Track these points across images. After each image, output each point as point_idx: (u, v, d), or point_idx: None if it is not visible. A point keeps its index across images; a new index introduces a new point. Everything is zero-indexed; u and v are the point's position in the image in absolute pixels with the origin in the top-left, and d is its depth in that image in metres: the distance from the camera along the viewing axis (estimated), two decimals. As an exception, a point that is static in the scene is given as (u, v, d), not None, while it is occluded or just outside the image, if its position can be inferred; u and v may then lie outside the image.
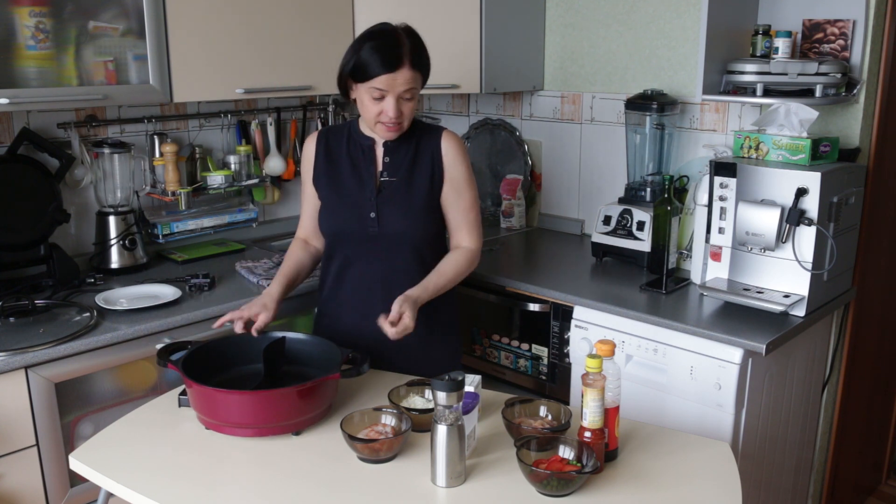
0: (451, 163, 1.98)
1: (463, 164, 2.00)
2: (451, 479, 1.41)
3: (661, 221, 2.42)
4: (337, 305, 2.05)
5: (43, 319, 2.11)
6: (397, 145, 1.98)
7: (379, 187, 1.97)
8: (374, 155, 1.99)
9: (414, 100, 1.89)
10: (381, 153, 1.99)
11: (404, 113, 1.88)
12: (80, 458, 1.53)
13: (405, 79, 1.84)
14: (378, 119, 1.88)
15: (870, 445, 2.93)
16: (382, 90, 1.84)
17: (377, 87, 1.84)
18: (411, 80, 1.85)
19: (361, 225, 1.96)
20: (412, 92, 1.87)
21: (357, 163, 2.00)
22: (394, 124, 1.88)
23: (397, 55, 1.82)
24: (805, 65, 2.22)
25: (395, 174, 1.97)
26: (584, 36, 2.95)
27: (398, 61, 1.82)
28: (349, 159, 2.00)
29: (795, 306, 2.11)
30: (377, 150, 1.99)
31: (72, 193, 2.55)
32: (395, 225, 1.95)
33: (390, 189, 1.97)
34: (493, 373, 2.69)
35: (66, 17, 2.14)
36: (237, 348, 1.78)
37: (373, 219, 1.95)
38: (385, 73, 1.82)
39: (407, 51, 1.84)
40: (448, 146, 1.98)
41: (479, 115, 3.34)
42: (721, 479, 1.45)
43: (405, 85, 1.84)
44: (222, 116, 2.84)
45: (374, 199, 1.96)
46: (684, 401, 2.12)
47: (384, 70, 1.82)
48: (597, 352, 1.45)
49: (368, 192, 1.96)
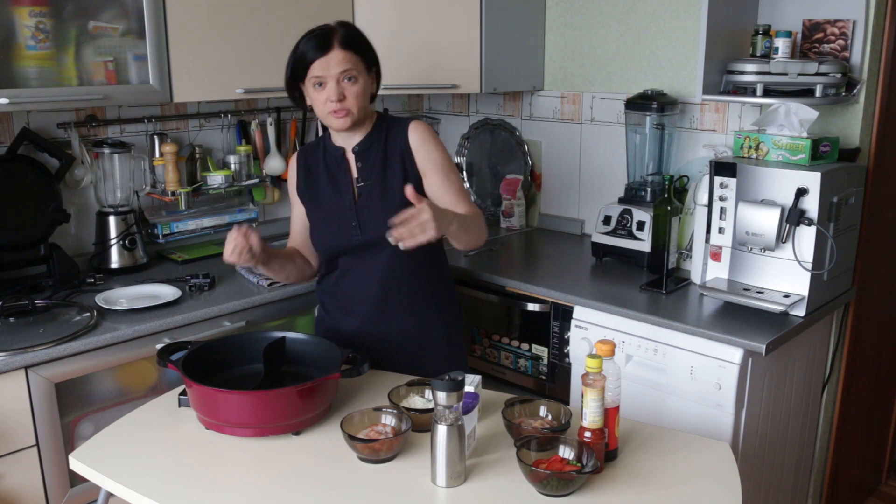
0: (423, 152, 1.93)
1: (436, 149, 1.95)
2: (451, 479, 1.41)
3: (661, 221, 2.42)
4: (336, 313, 2.04)
5: (43, 319, 2.11)
6: (366, 148, 1.95)
7: (357, 195, 1.95)
8: (347, 163, 1.97)
9: (357, 83, 1.86)
10: (353, 160, 1.97)
11: (348, 97, 1.86)
12: (80, 458, 1.53)
13: (338, 59, 1.83)
14: (327, 109, 1.87)
15: (870, 445, 2.93)
16: (320, 76, 1.85)
17: (315, 75, 1.85)
18: (345, 61, 1.84)
19: (346, 235, 1.95)
20: (351, 73, 1.85)
21: (333, 174, 1.98)
22: (340, 108, 1.86)
23: (326, 40, 1.84)
24: (805, 65, 2.22)
25: (369, 177, 1.95)
26: (584, 36, 2.95)
27: (327, 44, 1.83)
28: (326, 173, 2.00)
29: (795, 306, 2.11)
30: (349, 158, 1.97)
31: (72, 193, 2.55)
32: (377, 228, 1.89)
33: (366, 194, 1.94)
34: (493, 373, 2.69)
35: (66, 17, 2.14)
36: (237, 348, 1.77)
37: (354, 227, 1.94)
38: (317, 57, 1.83)
39: (337, 35, 1.85)
40: (415, 136, 1.94)
41: (479, 115, 3.34)
42: (721, 479, 1.45)
43: (340, 66, 1.83)
44: (222, 116, 2.84)
45: (352, 208, 1.94)
46: (684, 401, 2.12)
47: (315, 55, 1.84)
48: (597, 352, 1.45)
49: (347, 202, 1.95)
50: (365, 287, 1.98)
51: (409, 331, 2.00)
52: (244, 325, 2.32)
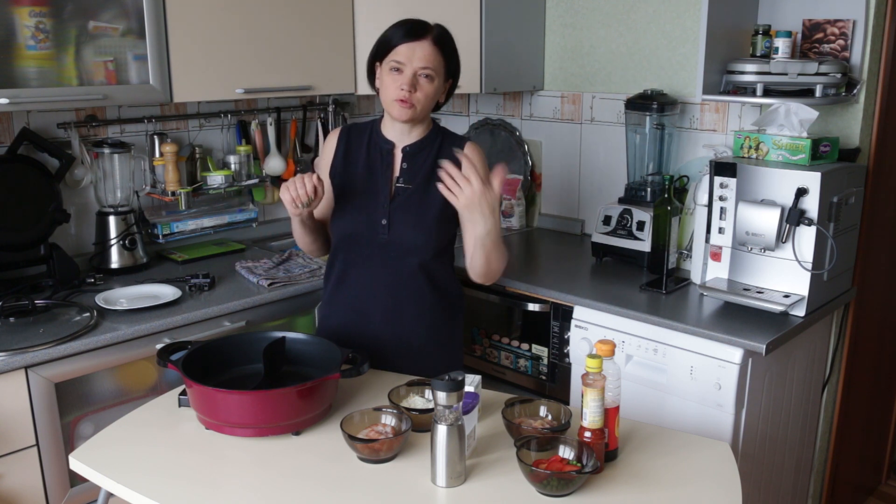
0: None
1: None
2: (451, 479, 1.41)
3: (661, 221, 2.42)
4: (339, 307, 2.03)
5: (43, 319, 2.11)
6: (417, 151, 1.93)
7: (393, 193, 1.93)
8: (393, 159, 1.95)
9: (432, 83, 1.85)
10: (399, 158, 1.94)
11: (418, 92, 1.84)
12: (80, 458, 1.52)
13: (424, 53, 1.82)
14: (394, 96, 1.85)
15: (870, 445, 2.93)
16: (400, 62, 1.83)
17: (396, 59, 1.83)
18: (431, 57, 1.83)
19: (371, 230, 1.92)
20: (431, 71, 1.83)
21: (374, 165, 1.96)
22: (407, 99, 1.84)
23: (421, 28, 1.84)
24: (805, 65, 2.22)
25: (412, 181, 1.92)
26: (584, 36, 2.95)
27: (421, 33, 1.83)
28: (367, 160, 1.96)
29: (795, 306, 2.11)
30: (396, 154, 1.95)
31: (72, 193, 2.55)
32: (406, 234, 1.91)
33: (404, 196, 1.92)
34: (493, 373, 2.69)
35: (66, 17, 2.14)
36: (237, 348, 1.77)
37: (384, 225, 1.91)
38: (406, 41, 1.82)
39: (432, 30, 1.85)
40: (470, 156, 1.85)
41: (479, 115, 3.34)
42: (721, 479, 1.45)
43: (423, 60, 1.82)
44: (222, 116, 2.84)
45: (387, 206, 1.92)
46: (684, 401, 2.12)
47: (405, 39, 1.83)
48: (597, 352, 1.45)
49: (382, 198, 1.92)
50: (377, 288, 1.96)
51: (413, 335, 1.99)
52: (244, 325, 2.32)
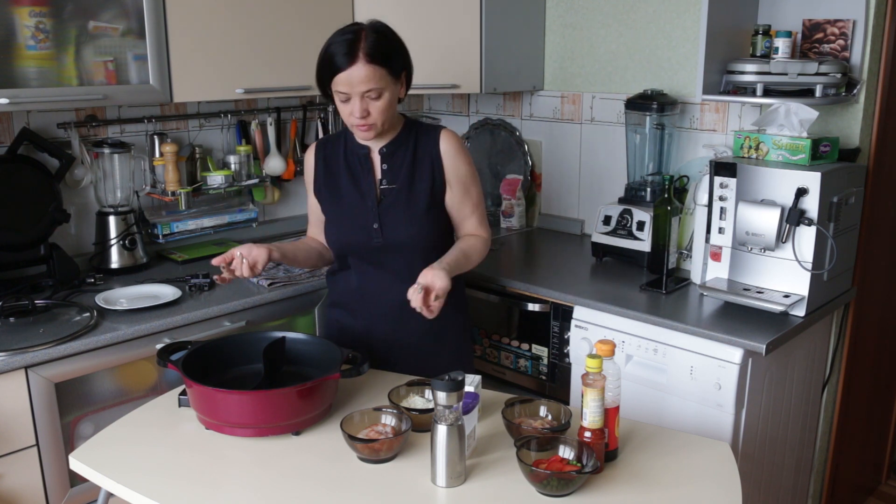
0: (452, 162, 1.93)
1: (465, 162, 1.95)
2: (451, 479, 1.41)
3: (661, 221, 2.42)
4: (346, 311, 2.04)
5: (43, 319, 2.11)
6: (394, 150, 1.93)
7: (379, 196, 1.93)
8: (372, 163, 1.95)
9: (382, 98, 1.79)
10: (378, 160, 1.94)
11: (372, 113, 1.79)
12: (80, 458, 1.53)
13: (361, 77, 1.74)
14: (351, 122, 1.83)
15: (870, 445, 2.93)
16: (344, 92, 1.78)
17: (339, 89, 1.78)
18: (369, 79, 1.75)
19: (365, 236, 1.93)
20: (376, 91, 1.77)
21: (355, 173, 1.96)
22: (363, 124, 1.81)
23: (350, 47, 1.74)
24: (805, 65, 2.22)
25: (395, 181, 1.93)
26: (584, 36, 2.95)
27: (351, 58, 1.74)
28: (347, 170, 1.96)
29: (795, 306, 2.11)
30: (374, 158, 1.95)
31: (72, 193, 2.55)
32: (399, 233, 1.92)
33: (391, 197, 1.93)
34: (493, 373, 2.69)
35: (66, 17, 2.14)
36: (237, 348, 1.77)
37: (376, 229, 1.92)
38: (341, 69, 1.75)
39: (364, 46, 1.74)
40: (447, 145, 1.93)
41: (479, 115, 3.34)
42: (721, 479, 1.45)
43: (364, 83, 1.75)
44: (222, 116, 2.84)
45: (375, 210, 1.92)
46: (684, 401, 2.12)
47: (339, 66, 1.75)
48: (597, 352, 1.45)
49: (370, 203, 1.93)
50: (379, 291, 1.97)
51: (419, 336, 1.99)
52: (244, 325, 2.32)
